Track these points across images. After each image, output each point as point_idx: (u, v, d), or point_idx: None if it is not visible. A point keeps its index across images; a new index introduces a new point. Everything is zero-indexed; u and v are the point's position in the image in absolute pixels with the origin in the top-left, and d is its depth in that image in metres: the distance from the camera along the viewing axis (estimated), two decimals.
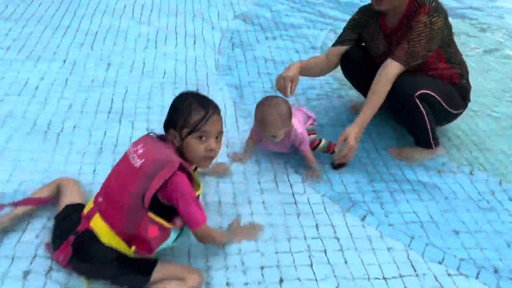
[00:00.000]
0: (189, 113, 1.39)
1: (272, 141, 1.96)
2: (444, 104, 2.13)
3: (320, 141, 2.06)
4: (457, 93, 2.21)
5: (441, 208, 1.86)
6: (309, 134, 2.07)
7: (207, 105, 1.42)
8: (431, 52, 2.04)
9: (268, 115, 1.88)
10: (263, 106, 1.91)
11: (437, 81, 2.15)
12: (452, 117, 2.28)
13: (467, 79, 2.25)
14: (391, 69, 2.03)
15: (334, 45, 2.38)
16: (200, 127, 1.39)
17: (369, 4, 2.23)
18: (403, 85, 2.04)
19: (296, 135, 1.96)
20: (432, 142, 2.18)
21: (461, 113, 2.28)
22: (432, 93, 2.09)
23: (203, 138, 1.40)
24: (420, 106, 2.06)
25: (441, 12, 2.00)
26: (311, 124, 2.16)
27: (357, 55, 2.31)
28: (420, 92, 2.05)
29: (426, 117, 2.09)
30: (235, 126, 2.27)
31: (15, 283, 1.38)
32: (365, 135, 2.14)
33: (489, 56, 3.26)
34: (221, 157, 1.93)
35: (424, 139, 2.19)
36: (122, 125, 2.19)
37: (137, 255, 1.37)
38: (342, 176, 2.01)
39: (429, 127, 2.14)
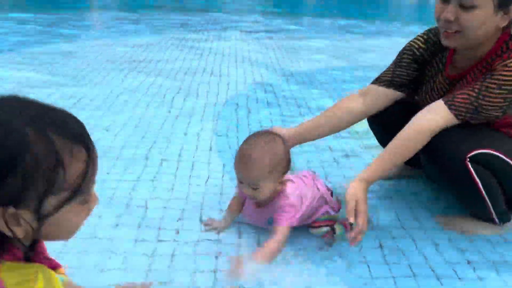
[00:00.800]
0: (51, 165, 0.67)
1: (251, 198, 1.40)
2: None
3: (333, 231, 1.47)
4: None
5: None
6: (318, 226, 1.48)
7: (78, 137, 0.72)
8: (505, 114, 1.41)
9: (253, 150, 1.37)
10: (249, 139, 1.43)
11: (504, 136, 1.49)
12: None
13: None
14: (438, 118, 1.40)
15: (377, 82, 1.71)
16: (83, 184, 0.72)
17: (438, 31, 1.56)
18: (448, 141, 1.40)
19: (281, 205, 1.39)
20: (495, 218, 1.54)
21: None
22: (495, 153, 1.42)
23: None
24: (473, 173, 1.40)
25: None
26: (326, 212, 1.51)
27: (393, 115, 1.68)
28: (475, 152, 1.40)
29: (482, 190, 1.44)
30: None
31: None
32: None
33: None
34: (194, 221, 1.55)
35: (484, 214, 1.54)
36: None
37: None
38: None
39: (488, 202, 1.48)
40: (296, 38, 5.61)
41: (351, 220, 1.33)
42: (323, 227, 1.48)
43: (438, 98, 1.58)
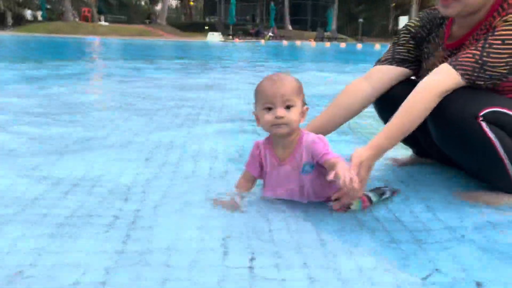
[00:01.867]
0: None
1: (280, 128, 1.35)
2: None
3: (349, 206, 1.39)
4: None
5: None
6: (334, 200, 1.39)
7: None
8: (511, 74, 1.38)
9: (279, 75, 1.41)
10: (273, 74, 1.44)
11: None
12: None
13: None
14: (444, 79, 1.37)
15: (379, 63, 1.73)
16: None
17: (432, 10, 1.64)
18: (458, 101, 1.36)
19: (313, 141, 1.36)
20: None
21: None
22: (509, 112, 1.38)
23: None
24: (488, 132, 1.35)
25: None
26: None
27: (402, 92, 1.62)
28: (487, 110, 1.35)
29: (500, 150, 1.38)
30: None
31: None
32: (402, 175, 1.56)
33: None
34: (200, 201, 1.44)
35: (504, 182, 1.47)
36: None
37: None
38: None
39: (508, 164, 1.41)
40: None
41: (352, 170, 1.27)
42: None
43: None
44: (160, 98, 3.70)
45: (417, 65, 1.75)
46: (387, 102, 1.73)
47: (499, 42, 1.37)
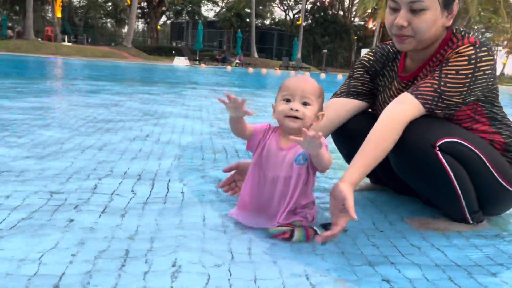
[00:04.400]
0: None
1: (294, 120, 1.38)
2: (490, 167, 1.45)
3: (291, 236, 1.38)
4: (508, 164, 1.52)
5: None
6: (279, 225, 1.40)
7: None
8: (465, 105, 1.45)
9: (308, 77, 1.48)
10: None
11: (468, 131, 1.51)
12: (507, 194, 1.53)
13: None
14: (409, 108, 1.40)
15: (335, 96, 1.77)
16: None
17: (385, 44, 1.69)
18: (417, 130, 1.40)
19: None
20: (468, 216, 1.52)
21: None
22: (465, 143, 1.42)
23: None
24: (444, 162, 1.40)
25: (491, 51, 1.42)
26: (304, 218, 1.44)
27: (359, 124, 1.71)
28: (444, 140, 1.40)
29: (455, 181, 1.42)
30: None
31: None
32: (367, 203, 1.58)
33: None
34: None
35: (457, 212, 1.52)
36: None
37: None
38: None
39: (461, 196, 1.46)
40: None
41: (351, 215, 1.28)
42: (284, 227, 1.39)
43: None
44: (120, 119, 3.64)
45: (372, 98, 1.81)
46: (344, 135, 1.79)
47: (454, 72, 1.44)
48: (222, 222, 1.51)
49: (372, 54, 1.81)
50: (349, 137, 1.79)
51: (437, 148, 1.41)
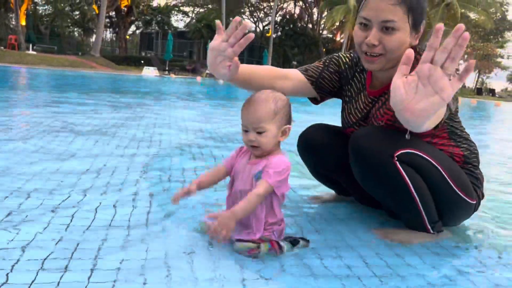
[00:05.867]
0: None
1: (254, 148, 1.41)
2: (447, 178, 1.50)
3: (259, 248, 1.40)
4: (465, 176, 1.59)
5: None
6: (245, 241, 1.41)
7: None
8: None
9: (259, 94, 1.43)
10: (257, 91, 1.46)
11: (429, 144, 1.56)
12: (464, 204, 1.59)
13: (477, 166, 1.65)
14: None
15: (304, 72, 1.75)
16: None
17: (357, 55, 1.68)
18: (376, 141, 1.46)
19: (276, 161, 1.39)
20: (428, 226, 1.57)
21: (477, 206, 1.66)
22: (423, 155, 1.47)
23: None
24: (402, 172, 1.45)
25: None
26: (272, 233, 1.46)
27: (323, 137, 1.75)
28: (402, 151, 1.44)
29: (413, 192, 1.47)
30: None
31: None
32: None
33: None
34: None
35: (417, 222, 1.57)
36: None
37: None
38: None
39: (421, 206, 1.50)
40: None
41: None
42: (250, 243, 1.41)
43: (361, 116, 1.70)
44: (88, 130, 3.57)
45: (326, 97, 1.83)
46: (310, 147, 1.84)
47: None
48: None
49: (349, 58, 1.80)
50: (314, 149, 1.84)
51: (396, 159, 1.46)
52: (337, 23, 40.01)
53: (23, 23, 29.12)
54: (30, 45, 28.12)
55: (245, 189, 1.45)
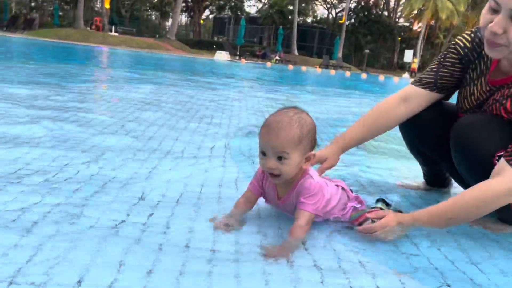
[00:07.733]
0: None
1: (274, 176, 1.29)
2: None
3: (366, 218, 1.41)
4: None
5: None
6: (363, 220, 1.41)
7: None
8: None
9: (282, 118, 1.27)
10: (277, 111, 1.32)
11: None
12: None
13: None
14: (507, 179, 1.29)
15: (419, 84, 1.66)
16: None
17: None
18: (479, 136, 1.41)
19: (305, 187, 1.31)
20: None
21: None
22: None
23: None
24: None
25: None
26: (353, 208, 1.49)
27: (430, 115, 1.66)
28: (504, 152, 1.34)
29: None
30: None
31: None
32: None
33: None
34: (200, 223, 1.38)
35: (508, 214, 1.50)
36: None
37: None
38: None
39: None
40: None
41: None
42: (368, 220, 1.40)
43: (476, 104, 1.58)
44: (170, 109, 3.79)
45: (454, 90, 1.71)
46: (414, 127, 1.75)
47: None
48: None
49: (470, 39, 1.60)
50: (417, 129, 1.75)
51: (496, 158, 1.40)
52: (415, 11, 38.10)
53: (107, 6, 30.86)
54: (113, 27, 29.80)
55: (291, 210, 1.41)
